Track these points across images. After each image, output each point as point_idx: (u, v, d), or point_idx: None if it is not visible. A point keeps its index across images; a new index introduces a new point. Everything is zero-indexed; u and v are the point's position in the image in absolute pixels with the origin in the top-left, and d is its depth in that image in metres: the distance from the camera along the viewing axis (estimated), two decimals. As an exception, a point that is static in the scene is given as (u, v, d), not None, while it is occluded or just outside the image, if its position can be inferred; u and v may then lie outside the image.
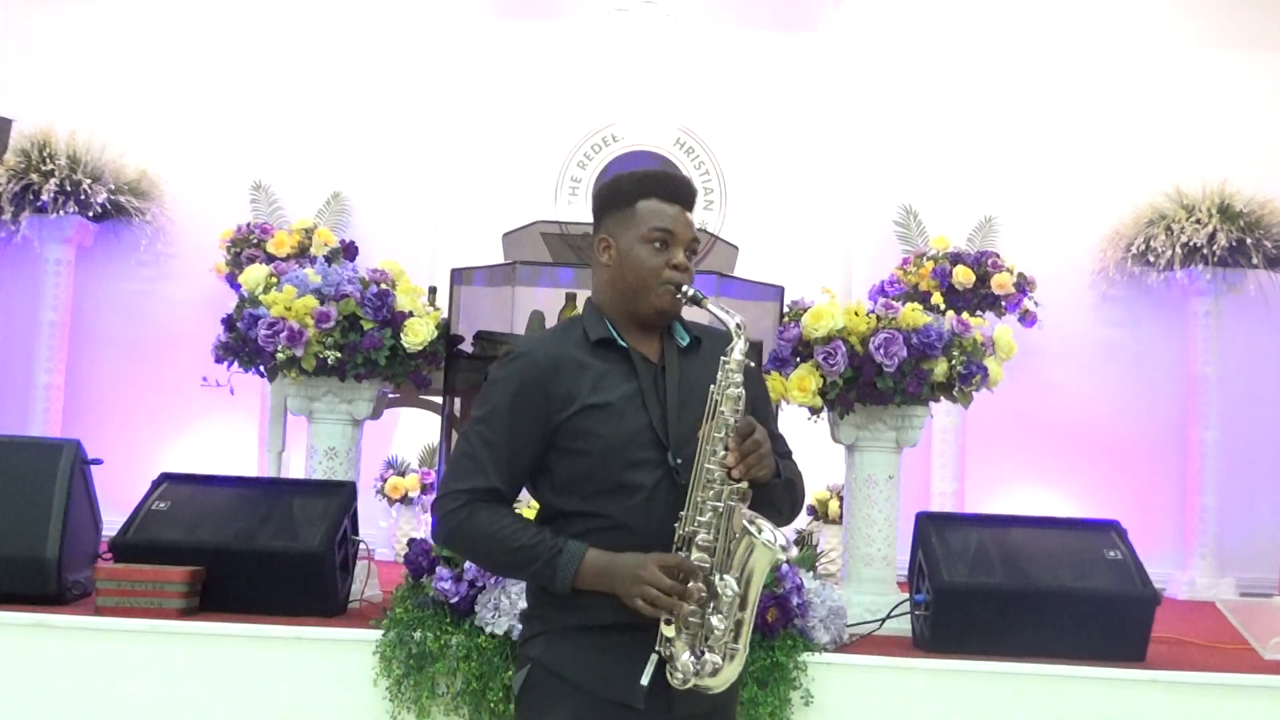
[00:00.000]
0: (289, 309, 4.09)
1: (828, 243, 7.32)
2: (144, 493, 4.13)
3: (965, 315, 4.36)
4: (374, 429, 4.81)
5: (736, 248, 5.07)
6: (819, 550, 5.61)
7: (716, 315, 2.22)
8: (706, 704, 2.15)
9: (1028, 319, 6.80)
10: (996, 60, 7.33)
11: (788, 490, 2.26)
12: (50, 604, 3.82)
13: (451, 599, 3.51)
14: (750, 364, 2.20)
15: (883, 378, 4.08)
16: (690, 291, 2.23)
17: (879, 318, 4.18)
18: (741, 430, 2.13)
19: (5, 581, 3.83)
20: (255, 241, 6.81)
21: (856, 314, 4.17)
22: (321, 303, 4.13)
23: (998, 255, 6.82)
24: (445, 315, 4.42)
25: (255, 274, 4.31)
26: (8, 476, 3.98)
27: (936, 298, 5.72)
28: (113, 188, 6.84)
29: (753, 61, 7.47)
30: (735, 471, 2.11)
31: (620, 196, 2.30)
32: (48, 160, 6.74)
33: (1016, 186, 7.20)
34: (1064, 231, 7.18)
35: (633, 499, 2.16)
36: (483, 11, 7.51)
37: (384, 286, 4.24)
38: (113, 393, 7.12)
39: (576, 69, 7.44)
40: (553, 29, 7.51)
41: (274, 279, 4.27)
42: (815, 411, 4.25)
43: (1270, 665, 3.85)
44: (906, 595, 4.11)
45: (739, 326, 2.20)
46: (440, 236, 7.22)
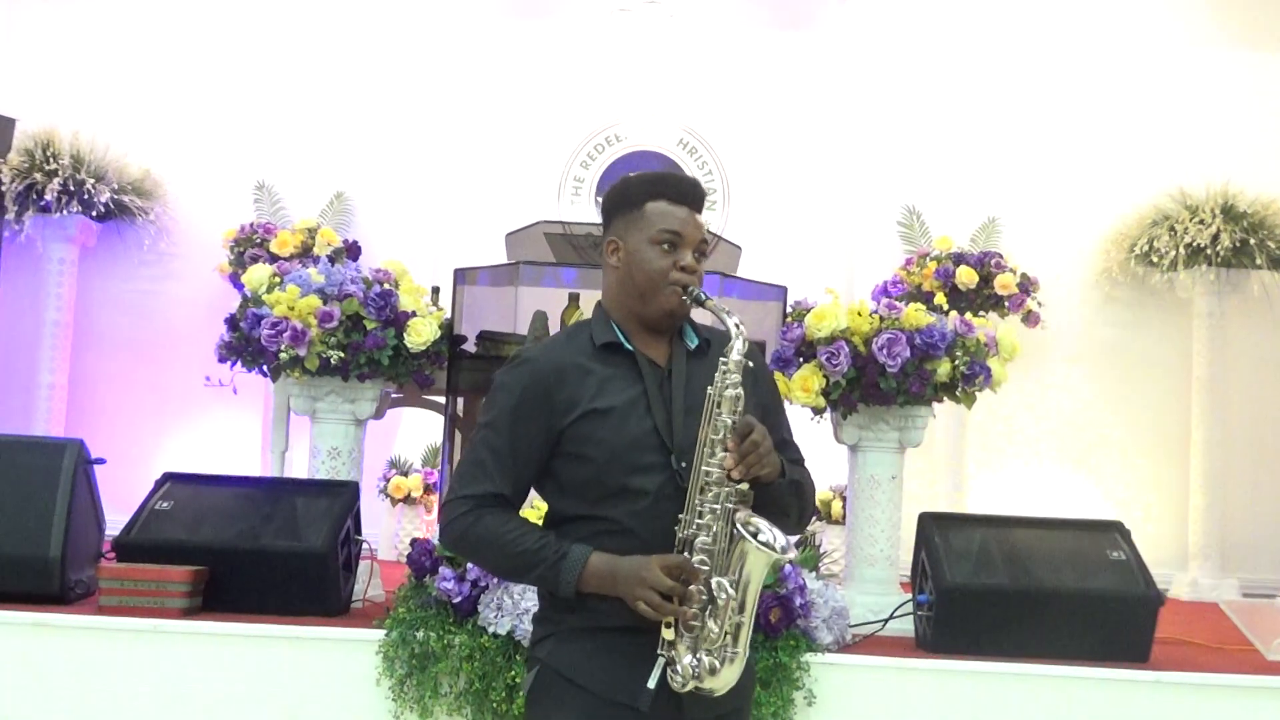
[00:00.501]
0: (292, 309, 4.09)
1: (831, 243, 7.32)
2: (147, 492, 4.13)
3: (968, 315, 4.36)
4: (377, 429, 4.82)
5: (740, 248, 5.07)
6: (822, 550, 5.59)
7: (717, 315, 2.22)
8: (718, 707, 2.15)
9: (1031, 319, 6.80)
10: (1000, 60, 7.32)
11: (795, 492, 2.24)
12: (53, 603, 3.82)
13: (454, 599, 3.51)
14: (750, 364, 2.19)
15: (886, 378, 4.08)
16: (694, 292, 2.23)
17: (882, 318, 4.17)
18: (740, 430, 2.12)
19: (8, 581, 3.83)
20: (258, 241, 6.82)
21: (860, 314, 4.17)
22: (325, 302, 4.13)
23: (1001, 255, 6.82)
24: (448, 315, 4.42)
25: (258, 274, 4.31)
26: (11, 476, 3.98)
27: (940, 298, 5.69)
28: (116, 187, 6.85)
29: (756, 61, 7.48)
30: (735, 473, 2.10)
31: (628, 198, 2.30)
32: (51, 160, 6.74)
33: (1020, 186, 7.20)
34: (1067, 232, 7.18)
35: (638, 503, 2.16)
36: (486, 12, 7.51)
37: (387, 286, 4.24)
38: (116, 392, 7.13)
39: (579, 69, 7.45)
40: (555, 29, 7.51)
41: (277, 279, 4.27)
42: (818, 412, 4.25)
43: (1274, 666, 3.85)
44: (909, 596, 4.10)
45: (738, 327, 2.20)
46: (443, 236, 7.22)
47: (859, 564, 4.34)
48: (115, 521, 4.18)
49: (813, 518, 2.37)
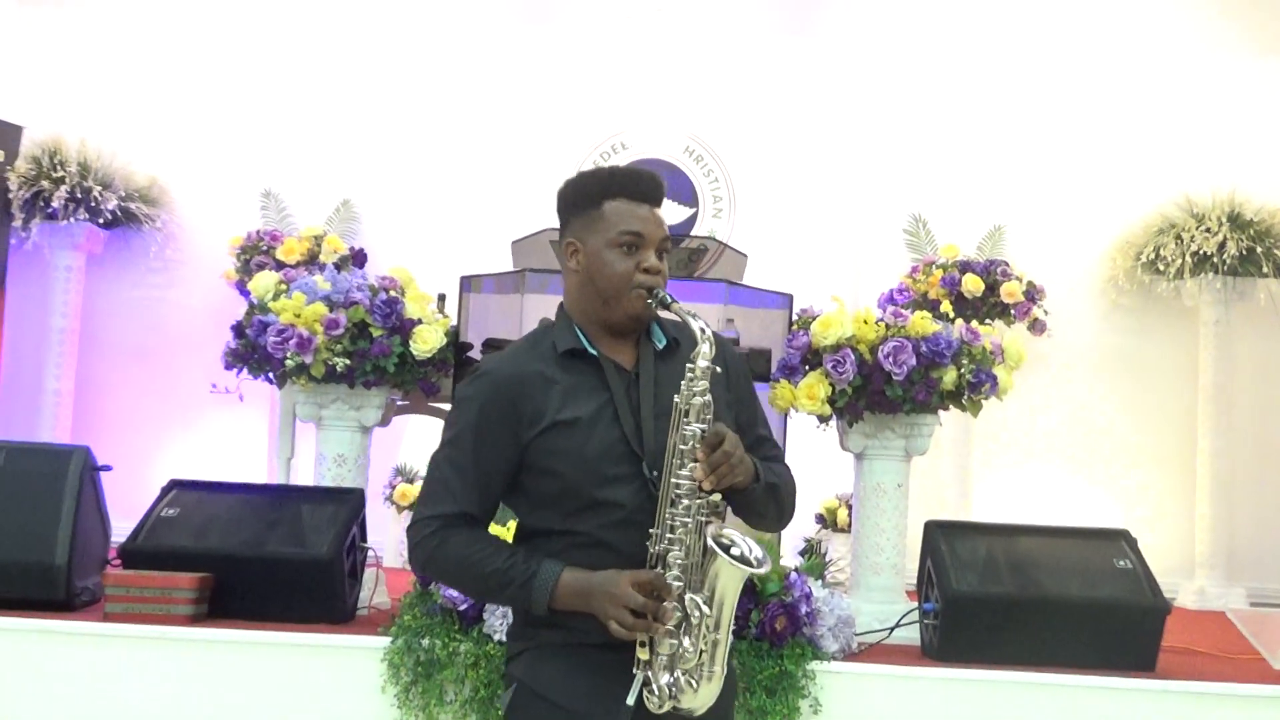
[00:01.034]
0: (298, 316, 4.10)
1: (837, 250, 7.31)
2: (153, 499, 4.14)
3: (974, 323, 4.36)
4: (383, 436, 4.82)
5: (746, 255, 5.06)
6: (827, 558, 5.59)
7: (682, 318, 2.13)
8: None
9: (1037, 327, 6.79)
10: (1006, 69, 7.32)
11: (770, 495, 2.16)
12: (59, 610, 3.83)
13: (460, 606, 3.51)
14: (717, 369, 2.11)
15: (892, 386, 4.08)
16: (660, 294, 2.13)
17: (888, 326, 4.17)
18: (710, 441, 2.03)
19: (15, 587, 3.83)
20: (265, 248, 6.82)
21: (865, 322, 4.16)
22: (331, 310, 4.14)
23: (1007, 263, 6.81)
24: (454, 322, 4.42)
25: (265, 281, 4.31)
26: (17, 482, 3.98)
27: (945, 306, 5.71)
28: (123, 195, 6.88)
29: (762, 69, 7.48)
30: (706, 484, 2.02)
31: (585, 197, 2.20)
32: (58, 167, 6.77)
33: (1026, 194, 7.20)
34: (1073, 240, 7.17)
35: (611, 516, 2.08)
36: (492, 19, 7.52)
37: (393, 294, 4.24)
38: (122, 399, 7.14)
39: (585, 77, 7.46)
40: (562, 37, 7.52)
41: (283, 286, 4.27)
42: (824, 420, 4.24)
43: (1281, 675, 3.84)
44: (915, 604, 4.09)
45: (703, 330, 2.10)
46: (449, 243, 7.22)
47: (865, 572, 4.33)
48: (121, 528, 4.18)
49: (793, 513, 2.31)
